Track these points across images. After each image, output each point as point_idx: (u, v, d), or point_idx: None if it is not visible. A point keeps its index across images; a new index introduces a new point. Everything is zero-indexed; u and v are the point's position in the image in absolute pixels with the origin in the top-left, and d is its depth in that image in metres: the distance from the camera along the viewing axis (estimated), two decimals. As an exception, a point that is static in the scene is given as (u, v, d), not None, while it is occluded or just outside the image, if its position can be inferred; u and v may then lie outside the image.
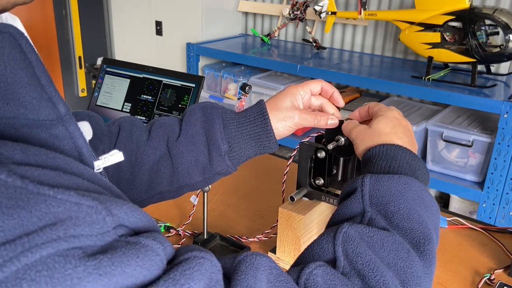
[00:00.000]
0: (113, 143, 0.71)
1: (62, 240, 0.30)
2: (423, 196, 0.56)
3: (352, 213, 0.55)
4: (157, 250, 0.34)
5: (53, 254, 0.29)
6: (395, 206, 0.53)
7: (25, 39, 0.41)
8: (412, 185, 0.56)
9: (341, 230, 0.50)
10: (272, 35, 2.63)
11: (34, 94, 0.40)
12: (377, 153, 0.61)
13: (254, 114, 0.69)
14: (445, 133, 1.87)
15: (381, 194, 0.54)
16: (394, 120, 0.65)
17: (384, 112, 0.66)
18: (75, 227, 0.31)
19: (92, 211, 0.33)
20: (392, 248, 0.50)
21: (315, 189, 0.81)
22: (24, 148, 0.36)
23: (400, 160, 0.59)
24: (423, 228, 0.53)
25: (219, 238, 0.94)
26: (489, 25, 1.80)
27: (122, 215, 0.35)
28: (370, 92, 2.47)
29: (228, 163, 0.69)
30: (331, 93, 0.75)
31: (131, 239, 0.34)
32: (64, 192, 0.32)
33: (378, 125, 0.64)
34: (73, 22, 3.04)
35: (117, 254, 0.32)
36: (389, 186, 0.55)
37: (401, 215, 0.53)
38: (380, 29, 2.40)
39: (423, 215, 0.54)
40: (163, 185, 0.70)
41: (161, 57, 2.76)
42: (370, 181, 0.56)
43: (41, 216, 0.30)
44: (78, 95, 3.21)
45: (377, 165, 0.60)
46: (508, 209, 1.78)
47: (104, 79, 1.14)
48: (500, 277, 0.86)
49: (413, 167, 0.60)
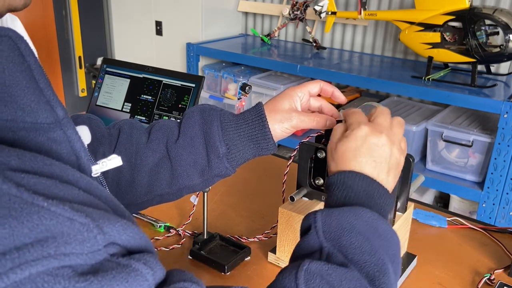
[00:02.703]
0: (113, 145, 0.71)
1: (52, 258, 0.30)
2: (376, 226, 0.55)
3: (311, 248, 0.55)
4: (146, 275, 0.34)
5: (42, 273, 0.29)
6: (347, 240, 0.53)
7: (24, 42, 0.41)
8: (363, 215, 0.55)
9: (302, 267, 0.50)
10: (272, 35, 2.63)
11: (32, 97, 0.40)
12: (334, 182, 0.60)
13: (252, 116, 0.69)
14: (445, 133, 1.87)
15: (333, 229, 0.54)
16: (358, 141, 0.61)
17: (349, 132, 0.62)
18: (66, 244, 0.31)
19: (84, 229, 0.32)
20: (350, 286, 0.49)
21: (315, 189, 0.81)
22: (20, 154, 0.35)
23: (357, 189, 0.58)
24: (376, 260, 0.52)
25: (219, 238, 0.94)
26: (489, 25, 1.80)
27: (114, 233, 0.34)
28: (370, 92, 2.47)
29: (227, 165, 0.69)
30: (331, 92, 0.75)
31: (122, 260, 0.34)
32: (58, 205, 0.32)
33: (341, 148, 0.61)
34: (73, 22, 3.04)
35: (107, 277, 0.32)
36: (339, 220, 0.54)
37: (354, 248, 0.52)
38: (380, 29, 2.40)
39: (377, 245, 0.53)
40: (162, 187, 0.70)
41: (161, 57, 2.76)
42: (322, 217, 0.55)
43: (33, 228, 0.30)
44: (78, 95, 3.21)
45: (334, 195, 0.59)
46: (508, 209, 1.78)
47: (104, 79, 1.14)
48: (500, 277, 0.86)
49: (370, 194, 0.58)
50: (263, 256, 0.91)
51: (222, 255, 0.89)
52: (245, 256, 0.90)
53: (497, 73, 2.04)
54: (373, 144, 0.60)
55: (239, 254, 0.89)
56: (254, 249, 0.92)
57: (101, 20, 3.20)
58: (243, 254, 0.90)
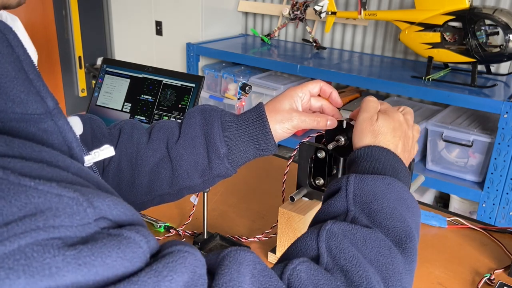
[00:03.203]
0: (114, 145, 0.71)
1: (41, 230, 0.30)
2: (405, 197, 0.57)
3: (336, 212, 0.56)
4: (140, 242, 0.34)
5: (31, 244, 0.29)
6: (378, 205, 0.54)
7: (13, 34, 0.41)
8: (395, 186, 0.57)
9: (325, 227, 0.51)
10: (272, 35, 2.63)
11: (21, 88, 0.40)
12: (362, 154, 0.62)
13: (253, 117, 0.69)
14: (445, 133, 1.87)
15: (365, 193, 0.55)
16: (395, 122, 0.65)
17: (390, 113, 0.66)
18: (55, 218, 0.31)
19: (73, 203, 0.32)
20: (374, 245, 0.51)
21: (315, 189, 0.81)
22: (8, 140, 0.35)
23: (384, 162, 0.61)
24: (405, 226, 0.54)
25: (219, 238, 0.94)
26: (489, 25, 1.80)
27: (105, 208, 0.34)
28: (370, 92, 2.47)
29: (227, 165, 0.69)
30: (329, 93, 0.75)
31: (113, 231, 0.34)
32: (45, 183, 0.32)
33: (382, 124, 0.64)
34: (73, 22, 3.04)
35: (98, 245, 0.32)
36: (373, 186, 0.56)
37: (384, 213, 0.54)
38: (380, 29, 2.40)
39: (405, 214, 0.55)
40: (163, 187, 0.70)
41: (161, 57, 2.76)
42: (355, 181, 0.57)
43: (21, 207, 0.30)
44: (78, 95, 3.21)
45: (361, 166, 0.61)
46: (508, 209, 1.78)
47: (104, 79, 1.14)
48: (500, 277, 0.86)
49: (396, 169, 0.61)
50: (263, 256, 0.91)
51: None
52: (245, 256, 0.90)
53: (497, 73, 2.04)
54: (405, 132, 0.66)
55: (239, 254, 0.89)
56: (254, 249, 0.92)
57: (101, 20, 3.20)
58: (243, 254, 0.90)
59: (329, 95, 0.76)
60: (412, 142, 0.68)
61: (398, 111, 0.68)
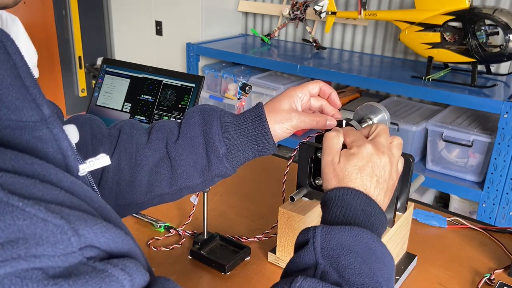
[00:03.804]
0: (114, 145, 0.71)
1: (21, 260, 0.29)
2: (374, 248, 0.55)
3: (305, 264, 0.54)
4: (123, 281, 0.33)
5: (10, 274, 0.28)
6: (346, 260, 0.52)
7: (10, 40, 0.41)
8: (363, 237, 0.54)
9: (295, 284, 0.49)
10: (272, 35, 2.63)
11: (17, 95, 0.39)
12: (333, 197, 0.59)
13: (252, 117, 0.69)
14: (445, 133, 1.87)
15: (332, 247, 0.53)
16: (361, 159, 0.60)
17: (355, 149, 0.61)
18: (37, 246, 0.30)
19: (57, 231, 0.31)
20: None
21: (315, 189, 0.81)
22: (1, 152, 0.35)
23: (355, 207, 0.58)
24: (374, 282, 0.52)
25: (219, 238, 0.94)
26: (489, 25, 1.80)
27: (91, 236, 0.33)
28: (370, 92, 2.47)
29: (227, 165, 0.69)
30: (329, 94, 0.75)
31: (98, 265, 0.33)
32: (33, 205, 0.31)
33: (348, 164, 0.60)
34: (73, 22, 3.04)
35: (79, 281, 0.31)
36: (340, 238, 0.54)
37: (352, 269, 0.52)
38: (380, 29, 2.40)
39: (374, 268, 0.53)
40: (162, 187, 0.70)
41: (161, 57, 2.76)
42: (322, 233, 0.54)
43: (4, 228, 0.29)
44: (78, 95, 3.21)
45: (331, 211, 0.58)
46: (508, 209, 1.78)
47: (104, 79, 1.14)
48: (500, 277, 0.86)
49: (367, 214, 0.58)
50: (263, 256, 0.91)
51: (222, 255, 0.89)
52: (245, 256, 0.90)
53: (497, 73, 2.04)
54: (376, 164, 0.60)
55: (239, 254, 0.89)
56: (254, 249, 0.92)
57: (101, 20, 3.20)
58: (243, 254, 0.90)
59: (328, 96, 0.75)
60: (391, 166, 0.62)
61: (366, 140, 0.63)
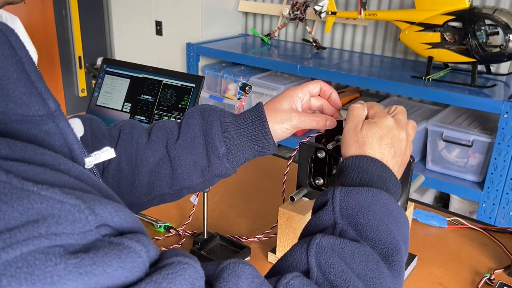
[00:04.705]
0: (114, 145, 0.71)
1: (43, 238, 0.30)
2: (391, 208, 0.57)
3: (324, 225, 0.56)
4: (140, 252, 0.34)
5: (34, 251, 0.29)
6: (364, 218, 0.54)
7: (15, 35, 0.41)
8: (381, 197, 0.57)
9: (314, 241, 0.51)
10: (272, 35, 2.63)
11: (23, 90, 0.40)
12: (349, 164, 0.61)
13: (252, 117, 0.69)
14: (445, 133, 1.87)
15: (351, 207, 0.55)
16: (382, 129, 0.63)
17: (377, 119, 0.64)
18: (57, 225, 0.31)
19: (75, 210, 0.32)
20: (362, 259, 0.51)
21: (315, 189, 0.81)
22: (11, 143, 0.35)
23: (371, 173, 0.60)
24: (391, 239, 0.54)
25: (219, 238, 0.94)
26: (489, 25, 1.80)
27: (106, 215, 0.34)
28: (370, 92, 2.47)
29: (227, 165, 0.69)
30: (329, 94, 0.75)
31: (114, 239, 0.34)
32: (48, 189, 0.32)
33: (369, 132, 0.63)
34: (73, 22, 3.04)
35: (99, 254, 0.32)
36: (358, 198, 0.56)
37: (370, 226, 0.54)
38: (380, 29, 2.40)
39: (391, 226, 0.55)
40: (163, 187, 0.70)
41: (161, 57, 2.76)
42: (341, 194, 0.57)
43: (23, 211, 0.30)
44: (78, 95, 3.21)
45: (348, 177, 0.61)
46: (508, 209, 1.78)
47: (104, 79, 1.14)
48: (500, 277, 0.86)
49: (383, 179, 0.60)
50: (263, 256, 0.91)
51: (222, 255, 0.89)
52: (245, 256, 0.90)
53: (497, 73, 2.04)
54: (396, 136, 0.63)
55: (239, 254, 0.89)
56: (254, 249, 0.92)
57: (101, 20, 3.20)
58: (243, 254, 0.90)
59: (329, 96, 0.75)
60: (407, 143, 0.65)
61: (388, 114, 0.66)
